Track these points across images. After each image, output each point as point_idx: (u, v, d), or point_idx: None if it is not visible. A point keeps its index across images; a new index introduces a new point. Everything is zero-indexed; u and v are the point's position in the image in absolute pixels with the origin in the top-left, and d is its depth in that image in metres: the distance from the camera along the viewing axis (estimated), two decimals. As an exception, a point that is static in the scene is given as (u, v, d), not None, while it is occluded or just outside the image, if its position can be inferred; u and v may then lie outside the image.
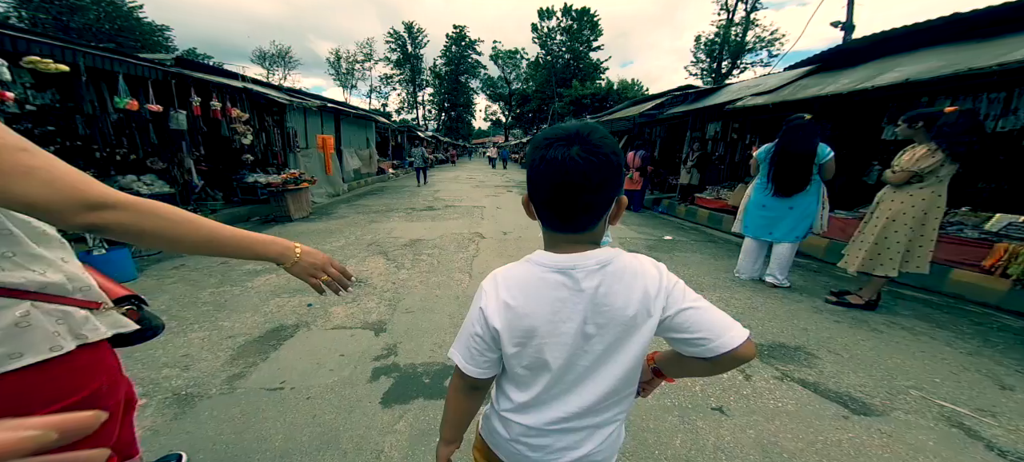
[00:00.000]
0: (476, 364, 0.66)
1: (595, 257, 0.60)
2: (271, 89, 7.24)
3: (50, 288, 0.68)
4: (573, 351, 0.62)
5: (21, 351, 0.64)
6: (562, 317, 0.60)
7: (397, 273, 3.73)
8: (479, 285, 0.67)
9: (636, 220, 6.93)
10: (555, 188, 0.56)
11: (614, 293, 0.59)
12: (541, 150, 0.57)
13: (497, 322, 0.62)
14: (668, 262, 4.42)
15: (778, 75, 5.76)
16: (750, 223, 3.43)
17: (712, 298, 3.33)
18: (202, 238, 0.73)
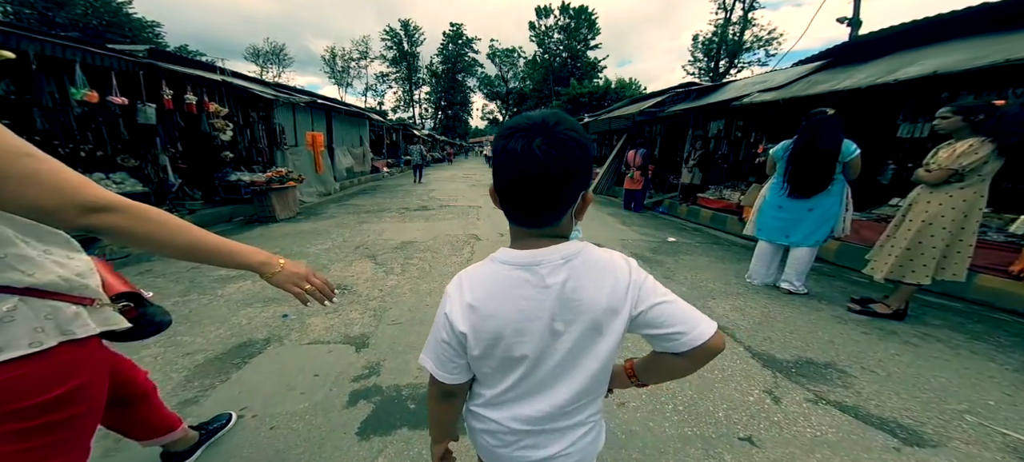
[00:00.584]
0: (447, 370, 0.65)
1: (560, 251, 0.58)
2: (255, 84, 6.90)
3: (40, 286, 0.69)
4: (541, 349, 0.60)
5: (1, 346, 0.65)
6: (528, 315, 0.58)
7: (385, 279, 3.45)
8: (445, 291, 0.64)
9: (637, 221, 6.69)
10: (515, 182, 0.54)
11: (581, 288, 0.58)
12: (503, 140, 0.54)
13: (463, 326, 0.60)
14: (673, 265, 4.21)
15: (785, 71, 5.55)
16: (765, 225, 3.18)
17: (724, 306, 3.12)
18: (189, 244, 0.76)
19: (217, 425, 1.56)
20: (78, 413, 0.78)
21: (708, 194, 7.09)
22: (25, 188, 0.59)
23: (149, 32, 32.57)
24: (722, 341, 0.58)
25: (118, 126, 4.44)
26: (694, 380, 2.01)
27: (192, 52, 39.88)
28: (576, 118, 12.21)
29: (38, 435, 0.72)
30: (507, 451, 0.67)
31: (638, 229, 5.94)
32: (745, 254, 4.61)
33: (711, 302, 3.09)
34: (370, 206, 7.41)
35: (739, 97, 5.29)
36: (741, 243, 5.31)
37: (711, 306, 3.00)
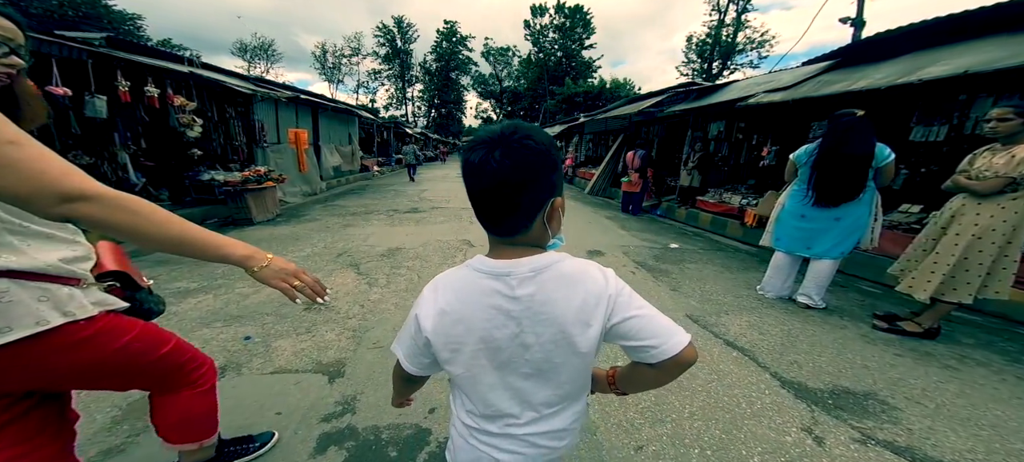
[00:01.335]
0: (414, 364, 0.68)
1: (530, 263, 0.58)
2: (230, 77, 6.44)
3: (27, 268, 0.72)
4: (509, 359, 0.61)
5: (10, 325, 0.70)
6: (496, 324, 0.59)
7: (368, 292, 3.12)
8: (422, 291, 0.65)
9: (636, 225, 6.46)
10: (476, 193, 0.56)
11: (551, 302, 0.58)
12: (466, 154, 0.56)
13: (429, 329, 0.61)
14: (679, 275, 3.94)
15: (792, 71, 5.35)
16: (783, 235, 2.94)
17: (739, 323, 2.85)
18: (172, 236, 0.75)
19: (247, 448, 1.45)
20: (152, 360, 0.93)
21: (707, 197, 6.89)
22: (37, 175, 0.61)
23: (130, 25, 31.51)
24: (694, 353, 0.58)
25: (68, 120, 4.01)
26: (721, 418, 1.75)
27: (175, 47, 38.76)
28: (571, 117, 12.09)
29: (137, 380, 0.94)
30: (475, 453, 0.67)
31: (638, 234, 5.70)
32: (751, 262, 4.40)
33: (725, 318, 2.84)
34: (357, 207, 7.04)
35: (743, 98, 5.07)
36: (744, 249, 5.11)
37: (725, 323, 2.75)
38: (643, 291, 3.46)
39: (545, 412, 0.64)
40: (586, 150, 15.14)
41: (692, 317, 2.85)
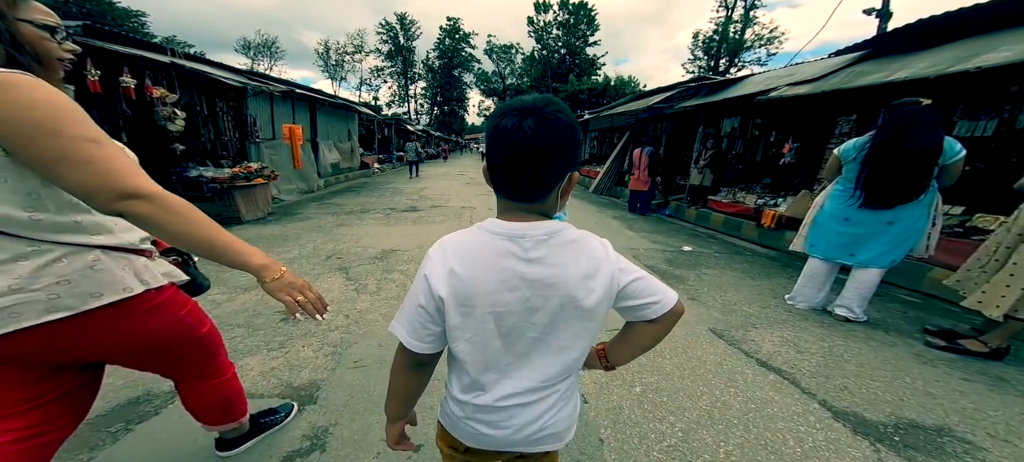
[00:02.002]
0: (420, 338, 0.64)
1: (544, 227, 0.60)
2: (217, 69, 6.14)
3: (115, 243, 0.84)
4: (518, 322, 0.61)
5: (100, 291, 0.80)
6: (508, 286, 0.60)
7: (355, 300, 2.83)
8: (427, 253, 0.64)
9: (645, 226, 6.13)
10: (506, 157, 0.57)
11: (559, 264, 0.60)
12: (497, 119, 0.57)
13: (442, 289, 0.60)
14: (696, 282, 3.48)
15: (816, 63, 4.99)
16: (821, 241, 2.61)
17: (773, 339, 2.39)
18: (204, 239, 0.79)
19: (274, 420, 1.52)
20: (190, 343, 1.02)
21: (720, 196, 6.54)
22: (77, 170, 0.68)
23: (134, 21, 31.49)
24: (683, 306, 0.65)
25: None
26: (766, 459, 1.44)
27: (180, 44, 38.75)
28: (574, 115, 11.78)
29: (176, 362, 1.02)
30: (493, 431, 0.66)
31: (648, 236, 5.37)
32: (773, 267, 4.07)
33: (754, 333, 2.52)
34: (353, 205, 6.75)
35: (764, 91, 4.72)
36: (763, 253, 4.77)
37: (755, 339, 2.43)
38: None
39: (542, 386, 0.65)
40: (590, 148, 14.79)
41: (716, 332, 2.54)
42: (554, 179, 0.59)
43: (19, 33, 0.72)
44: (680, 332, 2.51)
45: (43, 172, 0.69)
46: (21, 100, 0.65)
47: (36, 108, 0.66)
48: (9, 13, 0.71)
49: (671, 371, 2.08)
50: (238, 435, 1.34)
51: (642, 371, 2.07)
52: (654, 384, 1.97)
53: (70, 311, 0.77)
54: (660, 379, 2.01)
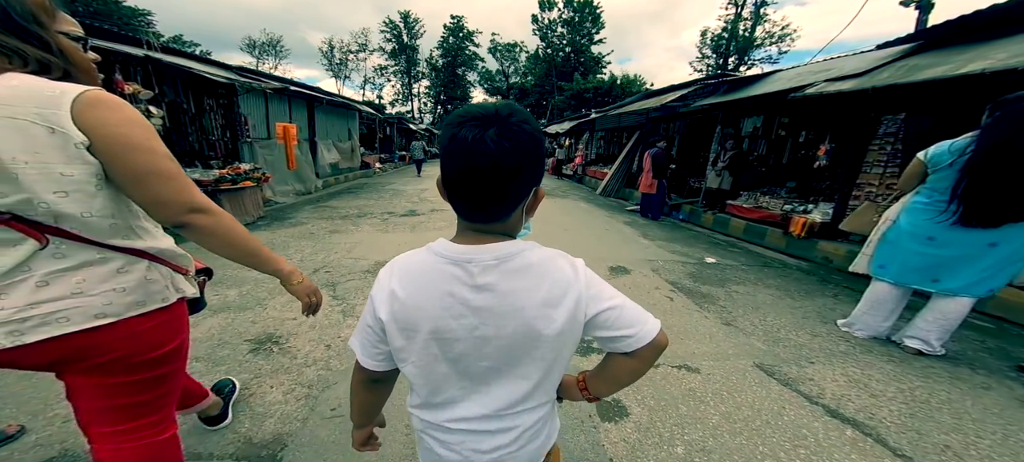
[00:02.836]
0: (371, 357, 0.63)
1: (494, 251, 0.55)
2: (201, 64, 5.78)
3: (163, 253, 0.87)
4: (466, 350, 0.57)
5: (144, 300, 0.82)
6: (453, 313, 0.55)
7: (340, 326, 2.46)
8: (378, 275, 0.61)
9: (660, 233, 5.70)
10: (465, 172, 0.50)
11: (512, 292, 0.55)
12: (453, 128, 0.51)
13: (383, 312, 0.57)
14: (728, 302, 2.74)
15: (860, 56, 4.55)
16: (894, 262, 2.19)
17: (836, 377, 1.97)
18: (247, 249, 0.88)
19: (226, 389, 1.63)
20: (178, 367, 0.98)
21: (740, 201, 6.11)
22: (162, 183, 0.74)
23: (141, 20, 31.54)
24: (666, 338, 0.59)
25: None
26: None
27: (186, 43, 38.69)
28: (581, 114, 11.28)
29: (153, 387, 0.90)
30: (447, 452, 0.64)
31: (665, 244, 4.95)
32: (810, 282, 3.64)
33: (812, 369, 2.12)
34: (350, 209, 6.40)
35: (798, 88, 4.28)
36: (794, 264, 4.35)
37: (815, 378, 2.03)
38: (687, 325, 2.63)
39: (506, 412, 0.61)
40: (597, 148, 14.37)
41: (765, 368, 2.14)
42: (519, 195, 0.54)
43: (64, 48, 0.75)
44: (721, 368, 2.12)
45: (128, 184, 0.73)
46: (124, 117, 0.71)
47: (134, 125, 0.72)
48: (52, 27, 0.74)
49: (718, 423, 1.70)
50: (217, 414, 1.35)
51: (682, 423, 1.69)
52: (700, 442, 1.58)
53: (115, 317, 0.79)
54: (706, 435, 1.62)
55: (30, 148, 0.64)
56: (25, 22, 0.69)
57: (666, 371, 2.10)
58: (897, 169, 3.87)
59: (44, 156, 0.65)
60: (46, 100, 0.65)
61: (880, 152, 3.93)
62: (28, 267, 0.70)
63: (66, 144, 0.66)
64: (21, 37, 0.69)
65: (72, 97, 0.66)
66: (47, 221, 0.69)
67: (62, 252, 0.72)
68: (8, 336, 0.69)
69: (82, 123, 0.67)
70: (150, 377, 0.88)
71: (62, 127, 0.65)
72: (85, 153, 0.68)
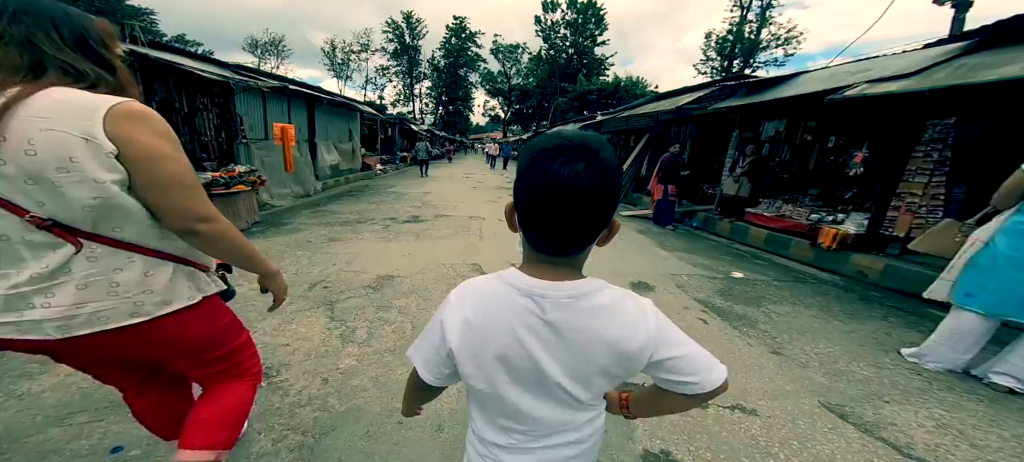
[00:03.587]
0: (432, 373, 0.64)
1: (567, 289, 0.55)
2: (192, 60, 5.47)
3: (185, 254, 0.91)
4: (528, 377, 0.58)
5: (171, 300, 0.87)
6: (521, 342, 0.56)
7: (339, 354, 2.16)
8: (448, 296, 0.61)
9: (678, 243, 5.40)
10: (555, 208, 0.50)
11: (579, 329, 0.55)
12: (543, 162, 0.49)
13: (454, 340, 0.58)
14: (767, 323, 2.10)
15: (901, 57, 4.25)
16: (987, 291, 1.88)
17: (921, 421, 1.67)
18: (245, 254, 0.95)
19: None
20: (227, 349, 1.08)
21: (760, 209, 5.82)
22: (181, 192, 0.80)
23: (143, 20, 31.43)
24: (729, 384, 0.58)
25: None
26: None
27: (189, 42, 38.50)
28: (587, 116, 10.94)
29: (206, 365, 1.05)
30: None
31: (685, 256, 4.65)
32: (850, 300, 3.35)
33: (888, 410, 1.83)
34: (350, 214, 6.10)
35: (834, 90, 3.98)
36: (826, 278, 4.05)
37: (897, 421, 1.74)
38: (730, 354, 2.29)
39: (560, 427, 0.62)
40: (603, 151, 14.08)
41: (832, 408, 1.84)
42: (598, 230, 0.53)
43: (118, 68, 0.83)
44: (782, 409, 1.83)
45: (147, 191, 0.77)
46: (151, 129, 0.77)
47: (160, 136, 0.78)
48: (115, 50, 0.84)
49: (794, 484, 1.40)
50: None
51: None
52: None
53: (146, 317, 0.84)
54: (783, 507, 1.32)
55: (68, 157, 0.68)
56: (98, 47, 0.79)
57: (718, 413, 1.80)
58: (944, 178, 3.58)
59: (80, 164, 0.69)
60: (83, 112, 0.70)
61: (925, 160, 3.63)
62: (69, 269, 0.76)
63: (98, 153, 0.70)
64: (92, 60, 0.78)
65: (105, 110, 0.71)
66: (84, 227, 0.75)
67: (95, 255, 0.77)
68: (58, 329, 0.77)
69: (112, 133, 0.71)
70: (198, 359, 1.02)
71: (95, 137, 0.70)
72: (114, 161, 0.72)
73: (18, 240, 0.73)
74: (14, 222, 0.71)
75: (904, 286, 3.63)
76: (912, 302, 3.39)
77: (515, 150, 29.50)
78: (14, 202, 0.70)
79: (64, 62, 0.74)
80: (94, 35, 0.79)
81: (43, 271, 0.74)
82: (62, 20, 0.75)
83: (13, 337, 0.76)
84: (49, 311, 0.76)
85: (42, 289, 0.75)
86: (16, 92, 0.68)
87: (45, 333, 0.77)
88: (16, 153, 0.67)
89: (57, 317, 0.76)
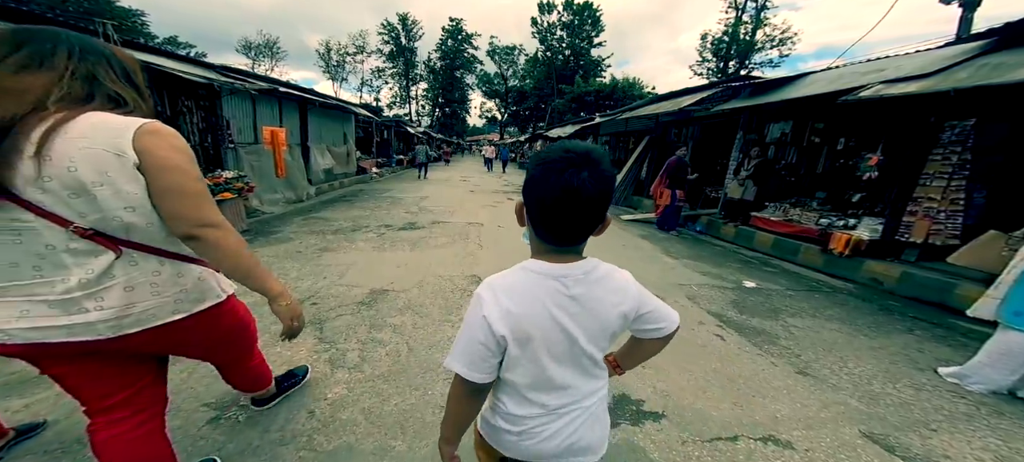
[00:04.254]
0: (479, 370, 0.69)
1: (581, 267, 0.68)
2: (169, 60, 5.10)
3: (196, 257, 1.00)
4: (562, 349, 0.70)
5: (204, 297, 1.02)
6: (555, 319, 0.67)
7: (328, 380, 1.95)
8: (476, 295, 0.69)
9: (683, 249, 5.24)
10: (565, 210, 0.62)
11: (595, 298, 0.69)
12: (554, 172, 0.61)
13: (503, 329, 0.66)
14: (788, 339, 1.97)
15: (917, 57, 4.10)
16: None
17: (974, 448, 1.45)
18: (245, 265, 0.96)
19: (293, 382, 1.81)
20: (248, 339, 1.34)
21: (767, 213, 5.68)
22: (190, 200, 0.87)
23: (135, 21, 30.93)
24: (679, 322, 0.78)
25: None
26: None
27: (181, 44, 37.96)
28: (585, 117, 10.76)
29: (229, 352, 1.30)
30: (533, 442, 0.74)
31: (692, 264, 4.48)
32: (870, 311, 3.19)
33: (936, 439, 1.67)
34: (344, 220, 5.87)
35: (846, 90, 3.84)
36: (840, 286, 3.91)
37: (948, 452, 1.58)
38: (754, 376, 2.10)
39: (580, 394, 0.74)
40: (602, 153, 13.94)
41: (875, 439, 1.68)
42: (598, 223, 0.66)
43: (143, 93, 0.94)
44: (820, 441, 1.66)
45: (156, 197, 0.85)
46: (168, 143, 0.86)
47: (174, 150, 0.86)
48: (141, 79, 0.96)
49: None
50: (268, 396, 1.63)
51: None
52: None
53: (186, 313, 0.98)
54: None
55: (103, 171, 0.78)
56: (132, 77, 0.93)
57: (750, 447, 1.62)
58: (964, 182, 3.44)
59: (113, 177, 0.79)
60: (115, 132, 0.80)
61: (944, 163, 3.50)
62: (113, 274, 0.85)
63: (127, 165, 0.80)
64: (134, 89, 0.92)
65: (135, 128, 0.82)
66: (120, 234, 0.85)
67: (134, 260, 0.87)
68: (110, 328, 0.87)
69: (137, 146, 0.81)
70: (226, 345, 1.24)
71: (124, 152, 0.79)
72: (138, 173, 0.82)
73: (62, 249, 0.80)
74: (58, 232, 0.79)
75: (923, 294, 3.48)
76: (935, 312, 3.24)
77: (512, 152, 29.32)
78: (58, 214, 0.77)
79: (115, 92, 0.86)
80: (130, 68, 0.93)
81: (90, 276, 0.82)
82: (112, 57, 0.89)
83: (62, 340, 0.84)
84: (103, 313, 0.85)
85: (92, 293, 0.83)
86: (59, 117, 0.75)
87: (98, 333, 0.86)
88: (60, 170, 0.74)
89: (110, 318, 0.86)
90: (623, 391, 1.96)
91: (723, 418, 1.80)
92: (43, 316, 0.81)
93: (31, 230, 0.77)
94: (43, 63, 0.78)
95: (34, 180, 0.74)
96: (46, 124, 0.74)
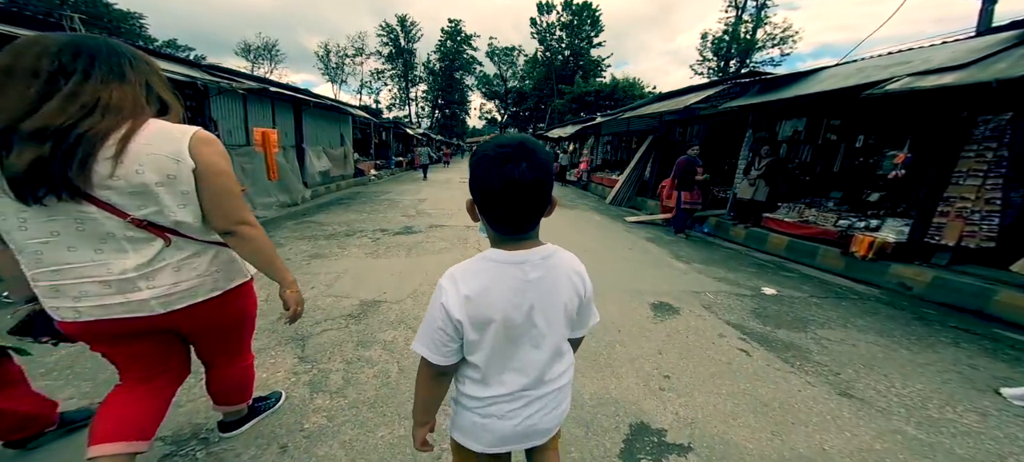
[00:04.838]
0: (441, 354, 0.73)
1: (540, 253, 0.73)
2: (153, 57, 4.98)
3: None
4: (523, 332, 0.73)
5: (233, 276, 1.13)
6: (515, 304, 0.71)
7: (306, 406, 1.70)
8: (438, 283, 0.72)
9: (693, 252, 4.98)
10: (509, 200, 0.66)
11: (552, 281, 0.74)
12: (496, 166, 0.65)
13: (459, 315, 0.69)
14: (821, 355, 1.78)
15: (947, 47, 3.86)
16: None
17: None
18: (270, 260, 1.10)
19: (266, 405, 1.68)
20: (252, 323, 1.37)
21: (780, 214, 5.43)
22: (231, 200, 1.00)
23: (133, 23, 30.87)
24: None
25: None
26: None
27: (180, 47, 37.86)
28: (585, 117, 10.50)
29: (239, 335, 1.33)
30: (502, 422, 0.76)
31: (704, 269, 4.22)
32: (904, 320, 2.94)
33: None
34: (338, 224, 5.62)
35: (868, 85, 3.60)
36: (865, 292, 3.65)
37: None
38: (790, 399, 1.85)
39: (545, 375, 0.78)
40: (603, 153, 13.72)
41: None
42: (544, 207, 0.71)
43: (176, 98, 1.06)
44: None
45: (205, 197, 0.97)
46: (216, 151, 0.98)
47: (221, 156, 0.99)
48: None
49: None
50: (239, 418, 1.53)
51: None
52: None
53: (221, 290, 1.09)
54: None
55: (165, 174, 0.90)
56: (164, 83, 1.02)
57: (798, 494, 1.36)
58: (1000, 181, 3.20)
59: (173, 180, 0.92)
60: (174, 139, 0.92)
61: (978, 160, 3.25)
62: (163, 258, 0.96)
63: (184, 169, 0.92)
64: (171, 93, 1.02)
65: (190, 136, 0.93)
66: (168, 225, 0.95)
67: (180, 246, 0.99)
68: (162, 305, 0.98)
69: (193, 154, 0.93)
70: (239, 328, 1.30)
71: (183, 158, 0.91)
72: (192, 176, 0.94)
73: (121, 236, 0.91)
74: (117, 222, 0.89)
75: (959, 301, 3.23)
76: (975, 320, 2.99)
77: (512, 154, 28.81)
78: (118, 206, 0.88)
79: (162, 97, 0.99)
80: (164, 77, 1.03)
81: (144, 260, 0.94)
82: (155, 67, 1.00)
83: (121, 316, 0.96)
84: (155, 291, 0.96)
85: (145, 274, 0.95)
86: (132, 124, 0.87)
87: (151, 310, 0.97)
88: (128, 171, 0.86)
89: (161, 295, 0.97)
90: (641, 419, 1.71)
91: (762, 452, 1.55)
92: (102, 296, 0.92)
93: (92, 219, 0.87)
94: (124, 75, 0.89)
95: (106, 179, 0.84)
96: (122, 130, 0.85)
